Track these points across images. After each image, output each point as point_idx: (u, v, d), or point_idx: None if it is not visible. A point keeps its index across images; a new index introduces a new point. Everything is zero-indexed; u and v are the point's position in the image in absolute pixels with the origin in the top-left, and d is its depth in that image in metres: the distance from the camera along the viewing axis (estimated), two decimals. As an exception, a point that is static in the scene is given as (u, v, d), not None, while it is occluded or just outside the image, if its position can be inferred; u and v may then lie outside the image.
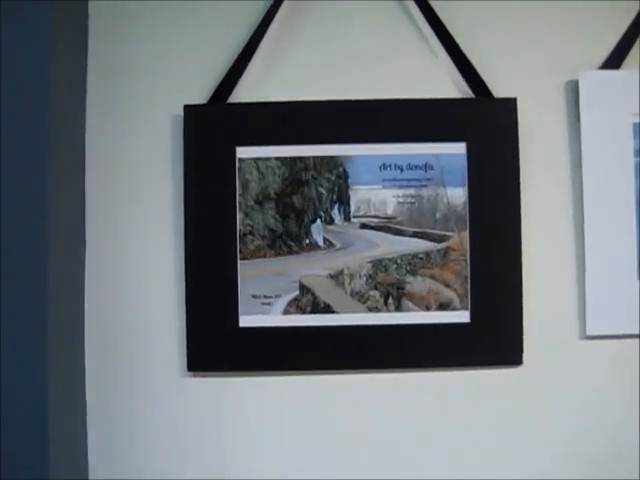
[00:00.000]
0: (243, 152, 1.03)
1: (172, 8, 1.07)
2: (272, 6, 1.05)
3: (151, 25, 1.06)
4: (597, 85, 1.01)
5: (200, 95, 1.05)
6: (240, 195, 1.03)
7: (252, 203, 1.03)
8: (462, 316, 1.01)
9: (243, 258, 1.02)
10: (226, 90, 1.05)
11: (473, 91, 1.05)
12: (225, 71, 1.05)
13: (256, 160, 1.03)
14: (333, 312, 1.01)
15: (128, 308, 1.04)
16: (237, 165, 1.03)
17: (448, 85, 1.06)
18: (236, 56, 1.05)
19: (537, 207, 1.04)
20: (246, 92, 1.05)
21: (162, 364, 1.03)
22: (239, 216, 1.02)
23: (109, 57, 1.06)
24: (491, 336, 1.01)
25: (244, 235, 1.02)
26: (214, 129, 1.04)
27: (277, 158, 1.03)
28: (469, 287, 1.01)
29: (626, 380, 1.02)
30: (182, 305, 1.02)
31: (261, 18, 1.05)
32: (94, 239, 1.05)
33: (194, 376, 1.02)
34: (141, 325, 1.04)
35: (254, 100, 1.04)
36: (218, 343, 1.01)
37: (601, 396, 1.02)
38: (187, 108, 1.04)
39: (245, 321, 1.01)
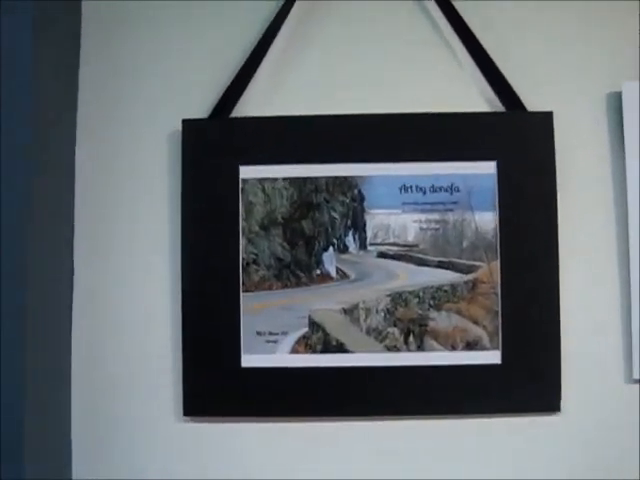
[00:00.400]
0: (247, 172, 0.97)
1: (172, 16, 1.01)
2: (280, 12, 0.99)
3: (148, 35, 1.02)
4: (643, 97, 0.95)
5: (201, 109, 1.00)
6: (243, 219, 0.97)
7: (257, 228, 0.97)
8: (492, 357, 0.95)
9: (246, 290, 0.96)
10: (229, 104, 0.99)
11: (504, 104, 0.99)
12: (228, 83, 0.99)
13: (261, 181, 0.97)
14: (347, 351, 0.95)
15: (119, 345, 0.99)
16: (240, 186, 0.97)
17: (476, 98, 1.00)
18: (240, 66, 0.99)
19: (576, 233, 0.97)
20: (251, 106, 1.00)
21: (156, 408, 0.97)
22: (242, 243, 0.96)
23: (102, 68, 1.02)
24: (525, 380, 0.94)
25: (247, 264, 0.96)
26: (215, 146, 0.97)
27: (285, 179, 0.97)
28: (500, 324, 0.95)
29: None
30: (178, 342, 0.96)
31: (268, 24, 0.99)
32: (82, 268, 1.00)
33: (191, 421, 0.96)
34: (133, 364, 0.98)
35: (259, 114, 0.99)
36: (218, 385, 0.95)
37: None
38: (186, 123, 0.98)
39: (248, 361, 0.95)
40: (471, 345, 0.95)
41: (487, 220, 0.96)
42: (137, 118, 1.00)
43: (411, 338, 0.95)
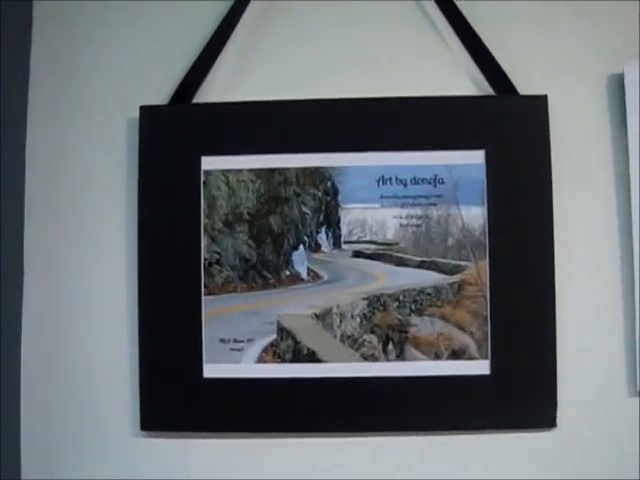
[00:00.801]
0: (209, 162, 0.91)
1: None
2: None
3: (105, 17, 0.95)
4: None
5: (162, 96, 0.93)
6: (205, 215, 0.91)
7: (220, 225, 0.91)
8: (481, 367, 0.89)
9: (209, 293, 0.90)
10: (190, 89, 0.93)
11: (493, 88, 0.92)
12: (190, 66, 0.93)
13: (225, 172, 0.91)
14: (319, 361, 0.90)
15: (70, 355, 0.93)
16: (202, 178, 0.91)
17: (463, 81, 0.93)
18: (203, 48, 0.93)
19: (574, 229, 0.91)
20: (214, 91, 0.93)
21: (111, 422, 0.92)
22: (204, 241, 0.90)
23: (55, 53, 0.95)
24: (517, 392, 0.88)
25: (210, 265, 0.91)
26: (175, 135, 0.91)
27: (251, 170, 0.91)
28: (489, 331, 0.89)
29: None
30: (135, 351, 0.90)
31: (232, 4, 0.93)
32: (32, 267, 0.94)
33: (148, 436, 0.91)
34: (86, 376, 0.92)
35: (223, 100, 0.92)
36: (177, 397, 0.89)
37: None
38: (143, 110, 0.92)
39: (210, 371, 0.90)
40: (457, 354, 0.89)
41: (475, 215, 0.90)
42: (93, 105, 0.94)
43: (390, 346, 0.89)
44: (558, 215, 0.89)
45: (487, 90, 0.91)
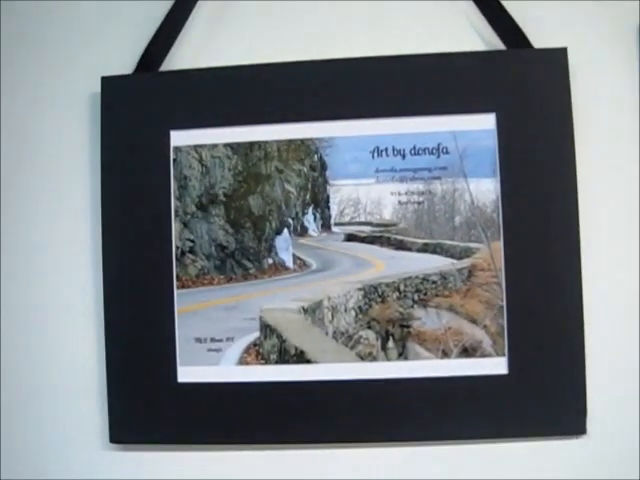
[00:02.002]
0: (180, 137, 0.81)
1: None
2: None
3: None
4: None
5: (129, 67, 0.83)
6: (176, 198, 0.81)
7: (193, 209, 0.82)
8: (497, 366, 0.78)
9: (182, 286, 0.81)
10: (157, 56, 0.83)
11: (504, 42, 0.81)
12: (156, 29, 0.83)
13: (198, 148, 0.81)
14: (308, 362, 0.80)
15: (30, 359, 0.84)
16: (172, 156, 0.81)
17: (470, 36, 0.82)
18: (169, 9, 0.83)
19: (602, 203, 0.80)
20: (185, 58, 0.83)
21: (77, 433, 0.83)
22: (175, 227, 0.81)
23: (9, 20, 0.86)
24: (539, 394, 0.77)
25: (182, 254, 0.81)
26: (141, 107, 0.81)
27: (227, 145, 0.81)
28: (506, 323, 0.78)
29: None
30: (102, 353, 0.81)
31: None
32: None
33: (117, 449, 0.82)
34: (48, 383, 0.84)
35: (195, 67, 0.82)
36: (149, 405, 0.81)
37: None
38: (106, 81, 0.82)
39: (185, 375, 0.81)
40: (468, 351, 0.79)
41: (486, 190, 0.79)
42: (52, 79, 0.84)
43: (390, 343, 0.79)
44: (582, 187, 0.77)
45: (497, 45, 0.80)
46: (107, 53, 0.83)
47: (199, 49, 0.82)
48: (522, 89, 0.78)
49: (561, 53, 0.77)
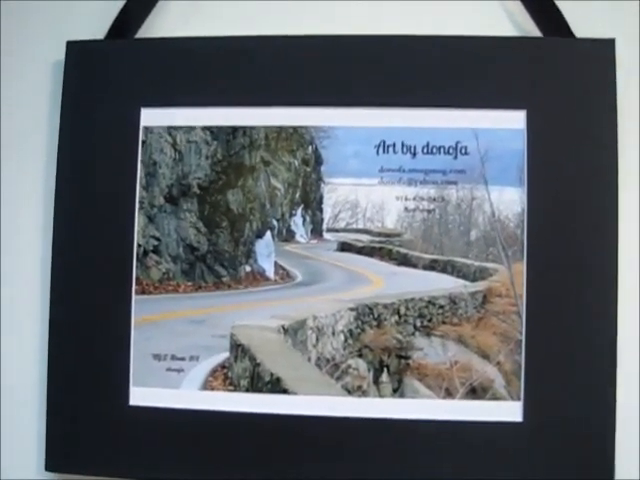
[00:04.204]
0: (152, 116, 0.71)
1: None
2: None
3: None
4: None
5: (100, 34, 0.72)
6: (142, 187, 0.71)
7: (161, 201, 0.71)
8: (510, 411, 0.68)
9: (141, 292, 0.70)
10: (132, 21, 0.72)
11: (541, 28, 0.70)
12: None
13: (172, 130, 0.71)
14: (286, 392, 0.69)
15: None
16: (141, 137, 0.71)
17: (499, 17, 0.71)
18: None
19: None
20: (164, 25, 0.72)
21: (9, 459, 0.72)
22: (138, 221, 0.70)
23: None
24: (558, 447, 0.66)
25: (145, 253, 0.71)
26: (109, 80, 0.70)
27: (205, 128, 0.71)
28: (524, 361, 0.68)
29: None
30: (43, 369, 0.70)
31: None
32: None
33: (55, 479, 0.71)
34: None
35: (173, 35, 0.71)
36: (94, 430, 0.70)
37: None
38: (71, 46, 0.71)
39: (139, 397, 0.70)
40: (477, 392, 0.68)
41: (509, 200, 0.68)
42: (12, 46, 0.74)
43: (384, 377, 0.68)
44: (624, 202, 0.66)
45: (532, 31, 0.69)
46: (76, 16, 0.72)
47: (181, 16, 0.71)
48: (559, 84, 0.67)
49: (608, 45, 0.66)
